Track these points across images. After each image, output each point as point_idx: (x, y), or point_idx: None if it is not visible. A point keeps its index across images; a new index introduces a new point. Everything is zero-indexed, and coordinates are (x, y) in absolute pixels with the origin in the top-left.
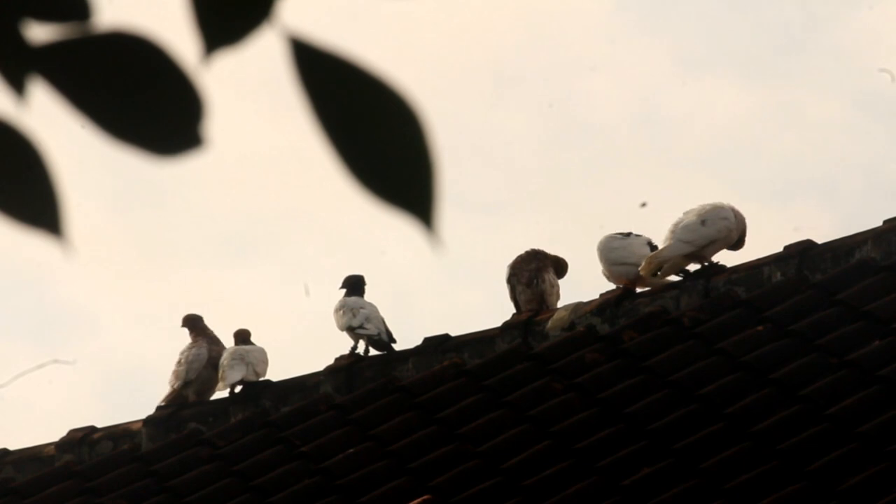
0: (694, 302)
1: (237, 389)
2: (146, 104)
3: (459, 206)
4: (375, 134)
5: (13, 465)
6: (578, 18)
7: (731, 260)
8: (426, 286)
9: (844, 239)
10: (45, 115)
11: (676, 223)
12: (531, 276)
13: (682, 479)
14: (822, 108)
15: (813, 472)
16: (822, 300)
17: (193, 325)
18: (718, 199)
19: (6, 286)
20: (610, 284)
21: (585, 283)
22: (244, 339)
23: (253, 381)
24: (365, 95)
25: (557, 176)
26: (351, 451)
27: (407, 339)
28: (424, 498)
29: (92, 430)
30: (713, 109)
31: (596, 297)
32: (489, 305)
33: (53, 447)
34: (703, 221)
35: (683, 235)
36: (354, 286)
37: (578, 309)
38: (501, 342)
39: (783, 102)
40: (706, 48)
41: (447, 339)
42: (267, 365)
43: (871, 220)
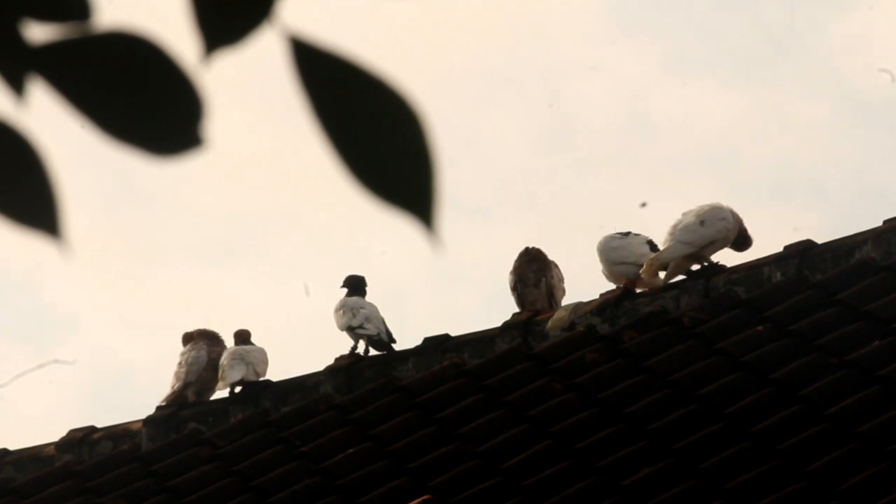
0: (694, 302)
1: (237, 389)
2: (146, 104)
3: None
4: (375, 134)
5: (13, 465)
6: (568, 20)
7: (731, 260)
8: (422, 286)
9: (844, 239)
10: (43, 115)
11: (675, 224)
12: (537, 276)
13: (682, 479)
14: (810, 109)
15: (813, 472)
16: (822, 300)
17: (202, 333)
18: (708, 199)
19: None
20: (610, 284)
21: (585, 283)
22: (244, 339)
23: (253, 381)
24: (365, 95)
25: (548, 177)
26: (351, 451)
27: (407, 339)
28: (424, 498)
29: (92, 430)
30: (704, 111)
31: (596, 297)
32: (479, 305)
33: (53, 447)
34: (701, 222)
35: (683, 237)
36: (355, 286)
37: (578, 309)
38: (501, 342)
39: (772, 104)
40: (696, 51)
41: (447, 339)
42: (267, 365)
43: (860, 222)
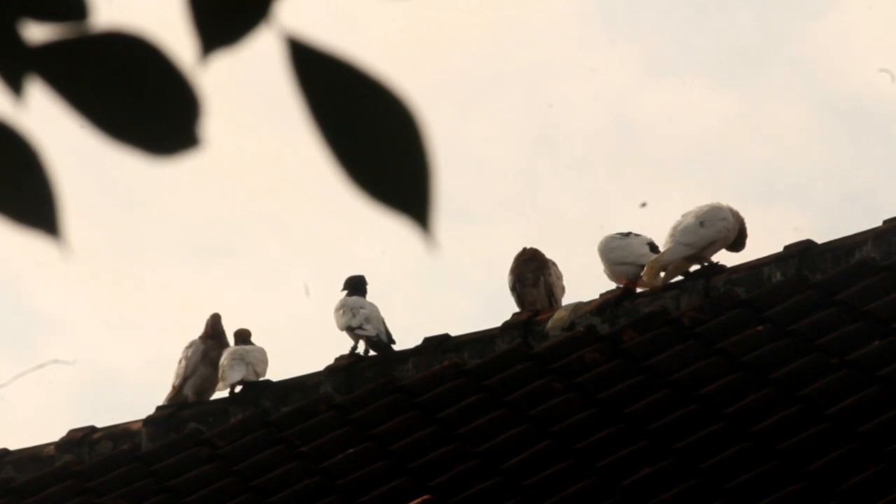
0: (694, 302)
1: (237, 389)
2: (143, 104)
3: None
4: (372, 135)
5: (13, 465)
6: (554, 24)
7: (731, 260)
8: (422, 286)
9: (844, 239)
10: (42, 114)
11: (675, 226)
12: (535, 276)
13: (682, 479)
14: (791, 114)
15: (813, 472)
16: (822, 300)
17: (213, 325)
18: (696, 201)
19: None
20: (610, 284)
21: (585, 283)
22: (244, 339)
23: (253, 381)
24: (362, 96)
25: (545, 178)
26: (351, 451)
27: (407, 339)
28: (424, 498)
29: (92, 430)
30: (687, 114)
31: (596, 297)
32: (479, 306)
33: (53, 447)
34: (701, 223)
35: (683, 238)
36: (356, 286)
37: (578, 309)
38: (501, 342)
39: (755, 108)
40: (679, 55)
41: (447, 339)
42: (267, 365)
43: (846, 225)
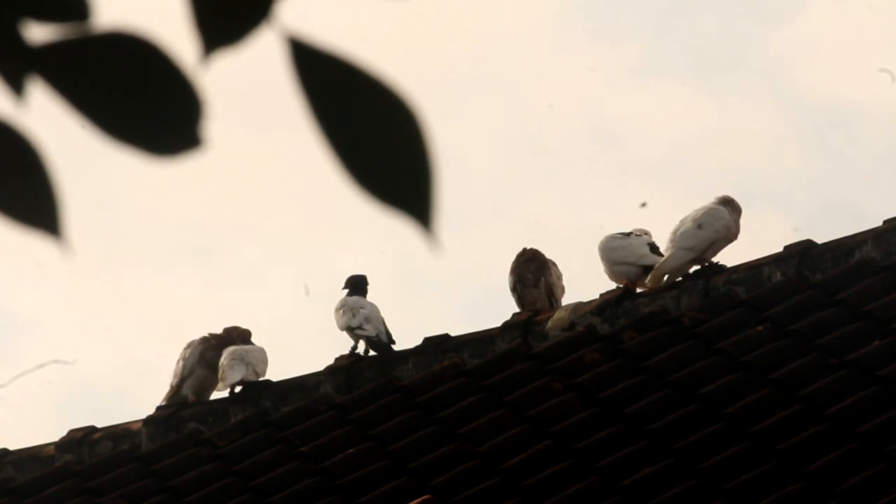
0: (694, 302)
1: (237, 389)
2: (145, 104)
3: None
4: (374, 135)
5: (13, 465)
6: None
7: (731, 260)
8: (422, 287)
9: (844, 239)
10: (42, 114)
11: (675, 231)
12: (535, 276)
13: (682, 479)
14: (766, 118)
15: (813, 472)
16: (822, 300)
17: (230, 333)
18: (675, 204)
19: None
20: (610, 284)
21: (585, 283)
22: (244, 339)
23: (253, 381)
24: (364, 96)
25: (516, 186)
26: (351, 451)
27: (407, 339)
28: (424, 498)
29: (92, 430)
30: (663, 118)
31: (596, 297)
32: (479, 306)
33: (53, 447)
34: (699, 226)
35: (683, 243)
36: (356, 286)
37: (578, 309)
38: (501, 342)
39: (732, 112)
40: (658, 59)
41: (447, 339)
42: (267, 365)
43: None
